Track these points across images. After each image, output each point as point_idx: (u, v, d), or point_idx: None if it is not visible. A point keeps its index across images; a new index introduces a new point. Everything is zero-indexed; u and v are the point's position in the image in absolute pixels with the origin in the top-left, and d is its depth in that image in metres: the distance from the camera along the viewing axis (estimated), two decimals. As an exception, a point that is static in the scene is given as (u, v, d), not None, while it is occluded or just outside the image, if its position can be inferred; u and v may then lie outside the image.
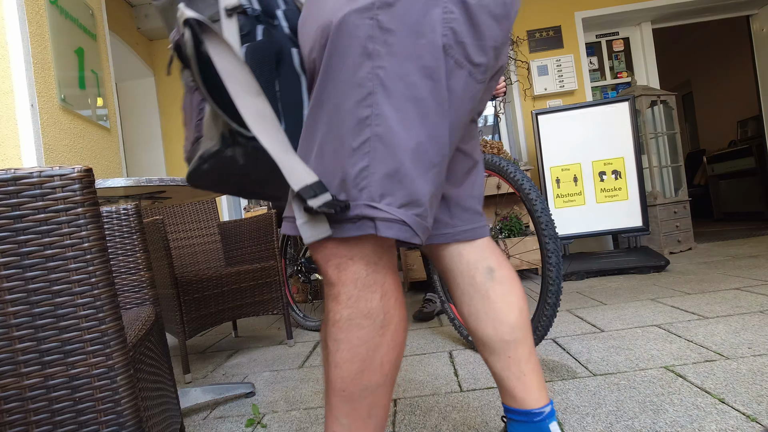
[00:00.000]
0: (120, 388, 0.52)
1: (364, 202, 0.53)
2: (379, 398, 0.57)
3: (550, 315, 1.31)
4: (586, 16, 3.84)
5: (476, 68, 0.58)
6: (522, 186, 1.37)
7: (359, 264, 0.56)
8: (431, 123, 0.55)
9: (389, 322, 0.56)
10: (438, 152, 0.56)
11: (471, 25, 0.56)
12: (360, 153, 0.52)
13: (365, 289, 0.56)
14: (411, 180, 0.54)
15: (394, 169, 0.53)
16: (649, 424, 0.95)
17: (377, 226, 0.53)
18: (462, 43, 0.55)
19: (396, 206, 0.53)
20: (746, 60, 5.19)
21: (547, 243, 1.31)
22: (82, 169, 0.52)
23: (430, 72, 0.54)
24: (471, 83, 0.58)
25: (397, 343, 0.58)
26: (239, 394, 1.43)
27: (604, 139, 3.04)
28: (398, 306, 0.58)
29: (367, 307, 0.56)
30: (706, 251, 3.32)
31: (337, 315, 0.56)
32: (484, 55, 0.58)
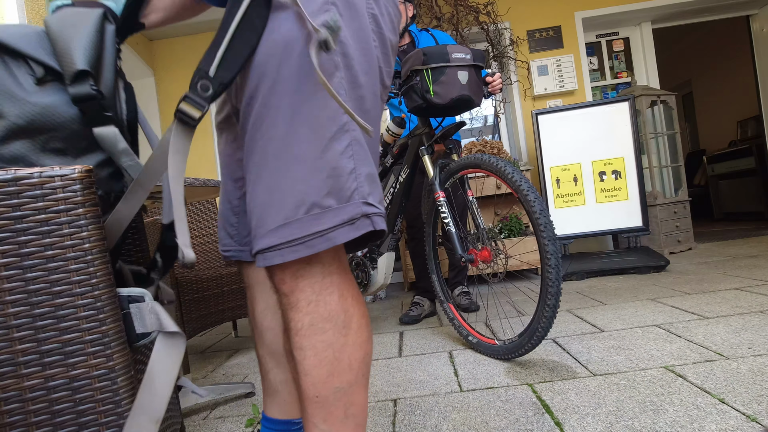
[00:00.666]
0: (121, 389, 0.52)
1: (360, 201, 0.55)
2: (354, 397, 0.58)
3: (550, 317, 1.31)
4: (586, 16, 3.84)
5: (385, 90, 0.66)
6: (520, 187, 1.36)
7: (316, 268, 0.56)
8: (373, 139, 0.61)
9: (350, 320, 0.57)
10: (376, 161, 0.62)
11: (385, 53, 0.63)
12: (346, 157, 0.55)
13: (323, 292, 0.56)
14: (378, 179, 0.60)
15: (371, 169, 0.58)
16: (649, 424, 0.95)
17: (373, 221, 0.55)
18: (380, 68, 0.62)
19: (377, 202, 0.58)
20: (746, 60, 5.18)
21: (546, 245, 1.30)
22: (82, 169, 0.52)
23: (373, 88, 0.60)
24: (380, 104, 0.66)
25: (362, 340, 0.58)
26: (239, 394, 1.43)
27: (604, 139, 3.04)
28: (356, 304, 0.59)
29: (326, 309, 0.56)
30: (706, 251, 3.32)
31: (298, 324, 0.56)
32: (389, 79, 0.66)
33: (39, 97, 0.50)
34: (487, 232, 1.58)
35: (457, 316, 1.72)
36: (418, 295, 2.33)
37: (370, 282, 1.95)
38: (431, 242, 1.86)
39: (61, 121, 0.51)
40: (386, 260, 1.92)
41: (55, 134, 0.51)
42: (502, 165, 1.42)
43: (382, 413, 1.18)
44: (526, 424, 1.02)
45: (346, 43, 0.56)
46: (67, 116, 0.52)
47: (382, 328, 2.14)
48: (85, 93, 0.51)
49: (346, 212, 0.54)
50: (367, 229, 0.55)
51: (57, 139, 0.51)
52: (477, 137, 3.85)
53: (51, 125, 0.50)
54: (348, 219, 0.54)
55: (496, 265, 1.56)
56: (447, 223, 1.59)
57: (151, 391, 0.51)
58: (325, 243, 0.53)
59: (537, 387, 1.23)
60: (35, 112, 0.49)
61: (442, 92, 1.57)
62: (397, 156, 1.98)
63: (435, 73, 1.57)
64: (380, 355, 1.70)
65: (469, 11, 3.57)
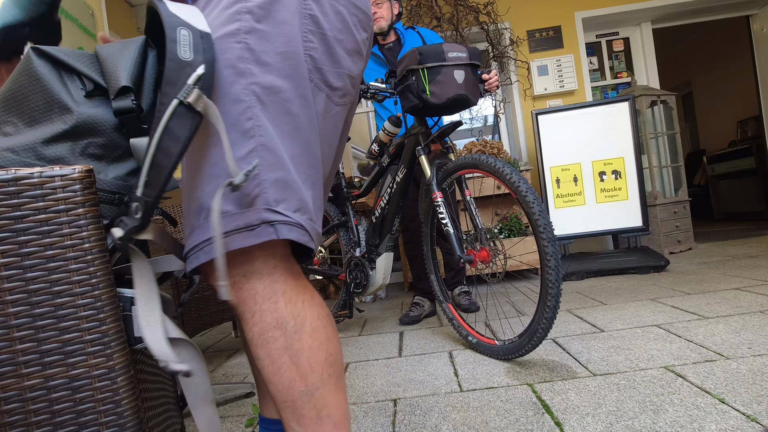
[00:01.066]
0: (121, 389, 0.52)
1: (263, 207, 0.53)
2: (326, 398, 0.57)
3: (550, 318, 1.30)
4: (586, 16, 3.84)
5: (334, 92, 0.64)
6: (519, 188, 1.35)
7: (253, 280, 0.55)
8: (304, 137, 0.58)
9: (302, 324, 0.56)
10: (312, 166, 0.60)
11: (328, 54, 0.62)
12: (246, 162, 0.53)
13: (266, 302, 0.55)
14: (298, 186, 0.56)
15: (283, 175, 0.55)
16: (649, 424, 0.95)
17: (277, 229, 0.53)
18: (320, 69, 0.61)
19: (291, 211, 0.55)
20: (746, 60, 5.19)
21: (545, 246, 1.29)
22: (82, 169, 0.52)
23: (299, 91, 0.58)
24: (330, 105, 0.64)
25: (320, 342, 0.57)
26: (239, 394, 1.43)
27: (604, 139, 3.04)
28: (308, 306, 0.58)
29: (273, 318, 0.55)
30: (706, 251, 3.32)
31: (249, 334, 0.56)
32: (341, 80, 0.64)
33: (86, 107, 0.57)
34: (486, 232, 1.57)
35: (456, 316, 1.72)
36: (418, 295, 2.32)
37: (369, 282, 1.95)
38: (429, 242, 1.85)
39: (102, 129, 0.56)
40: (385, 260, 1.92)
41: (95, 140, 0.56)
42: (500, 166, 1.41)
43: (382, 413, 1.18)
44: (526, 424, 1.02)
45: (258, 50, 0.55)
46: (107, 126, 0.57)
47: (382, 328, 2.14)
48: (125, 106, 0.57)
49: (243, 218, 0.52)
50: (268, 237, 0.53)
51: (96, 145, 0.56)
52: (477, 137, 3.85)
53: (93, 132, 0.56)
54: (245, 225, 0.52)
55: (494, 266, 1.55)
56: (445, 223, 1.58)
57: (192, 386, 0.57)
58: (220, 248, 0.52)
59: (537, 387, 1.23)
60: (80, 120, 0.56)
61: (438, 92, 1.56)
62: (393, 155, 1.97)
63: (431, 72, 1.56)
64: (380, 355, 1.70)
65: (469, 11, 3.57)
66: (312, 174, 0.59)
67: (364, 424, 1.13)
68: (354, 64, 0.67)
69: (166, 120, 0.49)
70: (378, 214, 1.95)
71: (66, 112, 0.58)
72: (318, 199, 0.61)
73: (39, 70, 0.55)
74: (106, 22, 2.42)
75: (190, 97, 0.49)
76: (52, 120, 0.58)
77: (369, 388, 1.37)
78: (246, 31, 0.55)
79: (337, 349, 0.60)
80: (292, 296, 0.57)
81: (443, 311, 1.78)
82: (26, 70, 0.56)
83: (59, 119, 0.58)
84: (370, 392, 1.34)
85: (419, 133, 1.77)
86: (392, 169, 1.93)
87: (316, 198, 0.60)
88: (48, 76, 0.55)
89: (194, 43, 0.51)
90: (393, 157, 1.98)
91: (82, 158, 0.56)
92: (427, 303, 2.28)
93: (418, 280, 2.33)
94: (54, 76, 0.56)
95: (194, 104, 0.49)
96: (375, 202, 1.99)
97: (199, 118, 0.50)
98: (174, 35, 0.50)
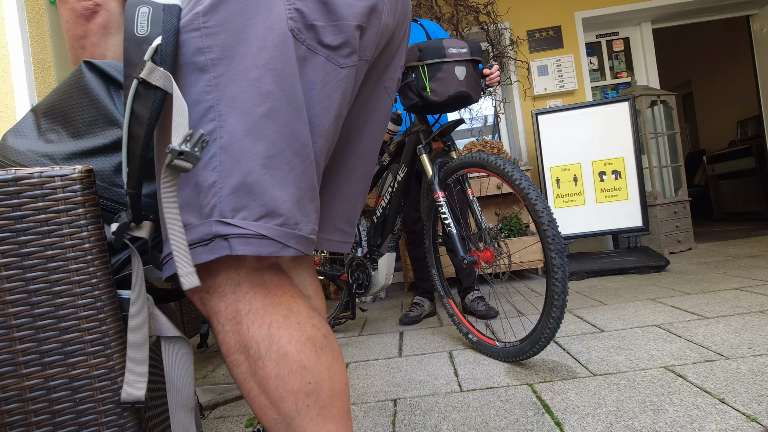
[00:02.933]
0: (121, 389, 0.52)
1: (215, 219, 0.47)
2: (304, 429, 0.51)
3: (554, 327, 1.27)
4: (586, 16, 3.84)
5: (334, 51, 0.53)
6: (528, 195, 1.30)
7: (215, 297, 0.51)
8: (284, 122, 0.50)
9: (266, 351, 0.50)
10: (297, 153, 0.51)
11: (321, 2, 0.51)
12: (209, 169, 0.48)
13: (228, 323, 0.50)
14: (264, 189, 0.48)
15: (243, 180, 0.48)
16: (649, 424, 0.95)
17: (231, 244, 0.47)
18: (312, 26, 0.51)
19: (252, 220, 0.48)
20: (746, 60, 5.19)
21: (553, 258, 1.24)
22: (82, 169, 0.52)
23: (277, 65, 0.49)
24: (333, 70, 0.53)
25: (290, 370, 0.50)
26: (239, 394, 1.43)
27: (604, 139, 3.04)
28: (279, 329, 0.51)
29: (236, 341, 0.50)
30: (706, 251, 3.32)
31: (221, 350, 0.53)
32: (342, 34, 0.52)
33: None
34: (489, 232, 1.55)
35: (456, 313, 1.71)
36: (418, 295, 2.32)
37: (371, 283, 1.94)
38: (431, 236, 1.84)
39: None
40: (387, 261, 1.92)
41: None
42: (509, 169, 1.35)
43: (382, 413, 1.18)
44: (526, 424, 1.02)
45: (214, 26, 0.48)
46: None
47: (382, 329, 2.14)
48: None
49: (197, 231, 0.47)
50: (222, 253, 0.47)
51: None
52: (477, 137, 3.85)
53: None
54: (198, 239, 0.47)
55: (498, 267, 1.53)
56: (447, 224, 1.57)
57: (175, 390, 0.54)
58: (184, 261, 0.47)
59: (537, 387, 1.23)
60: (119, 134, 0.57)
61: (439, 89, 1.53)
62: (394, 154, 1.96)
63: (431, 69, 1.53)
64: (380, 355, 1.70)
65: (469, 11, 3.57)
66: (298, 163, 0.51)
67: (364, 424, 1.13)
68: (363, 2, 0.54)
69: (131, 103, 0.46)
70: (379, 214, 1.94)
71: (110, 127, 0.58)
72: (307, 191, 0.53)
73: (90, 84, 0.56)
74: (106, 21, 2.42)
75: (143, 71, 0.45)
76: (95, 133, 0.59)
77: (369, 388, 1.37)
78: (205, 12, 0.48)
79: (316, 379, 0.51)
80: (258, 317, 0.50)
81: (444, 306, 1.77)
82: (77, 82, 0.56)
83: (101, 133, 0.58)
84: (370, 392, 1.34)
85: (420, 131, 1.76)
86: (393, 168, 1.91)
87: (304, 191, 0.52)
88: (97, 91, 0.56)
89: (153, 17, 0.47)
90: (393, 156, 1.97)
91: (119, 174, 0.57)
92: (427, 303, 2.28)
93: (420, 280, 2.32)
94: (103, 91, 0.56)
95: (149, 78, 0.44)
96: (376, 201, 1.99)
97: (161, 93, 0.45)
98: (132, 14, 0.46)
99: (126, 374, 0.50)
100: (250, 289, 0.51)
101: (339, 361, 0.55)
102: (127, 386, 0.50)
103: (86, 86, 0.56)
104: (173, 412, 0.54)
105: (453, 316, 1.71)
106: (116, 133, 0.59)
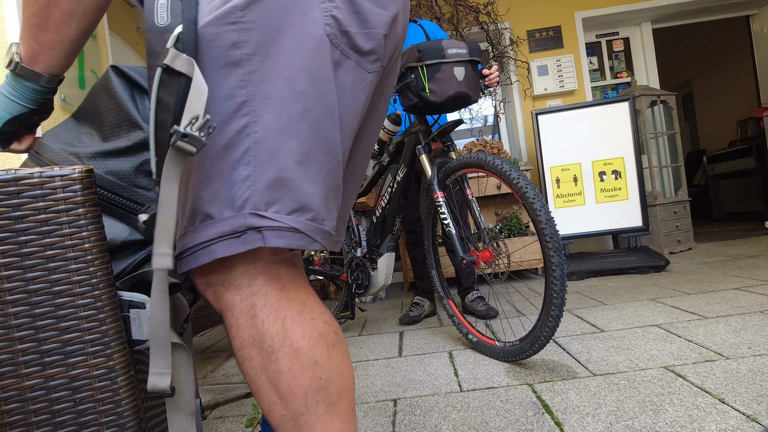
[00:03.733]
0: (121, 389, 0.52)
1: (249, 212, 0.48)
2: (312, 427, 0.51)
3: (553, 326, 1.27)
4: (586, 16, 3.84)
5: (364, 57, 0.55)
6: (526, 194, 1.30)
7: (231, 291, 0.52)
8: (317, 122, 0.51)
9: (280, 345, 0.50)
10: (327, 152, 0.53)
11: (354, 12, 0.53)
12: (242, 164, 0.49)
13: (243, 316, 0.51)
14: (298, 184, 0.50)
15: (277, 174, 0.49)
16: (649, 424, 0.95)
17: (265, 236, 0.48)
18: (346, 32, 0.53)
19: (285, 213, 0.49)
20: (746, 60, 5.19)
21: (551, 256, 1.25)
22: (82, 169, 0.52)
23: (312, 67, 0.51)
24: (361, 74, 0.56)
25: (302, 366, 0.51)
26: (239, 394, 1.43)
27: (604, 139, 3.04)
28: (293, 324, 0.51)
29: (249, 334, 0.51)
30: (706, 251, 3.32)
31: (232, 344, 0.53)
32: (372, 41, 0.55)
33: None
34: (489, 232, 1.55)
35: (456, 313, 1.71)
36: (418, 295, 2.32)
37: (370, 283, 1.94)
38: (430, 237, 1.84)
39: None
40: (386, 261, 1.92)
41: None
42: (507, 168, 1.36)
43: (382, 413, 1.18)
44: (526, 424, 1.02)
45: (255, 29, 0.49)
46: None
47: (382, 329, 2.14)
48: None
49: (228, 224, 0.48)
50: (254, 245, 0.48)
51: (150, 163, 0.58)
52: (477, 137, 3.85)
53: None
54: (230, 231, 0.48)
55: (497, 266, 1.54)
56: (447, 224, 1.57)
57: (175, 394, 0.53)
58: (206, 256, 0.49)
59: (537, 387, 1.23)
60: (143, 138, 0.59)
61: (438, 90, 1.53)
62: (394, 154, 1.96)
63: (430, 69, 1.53)
64: (380, 355, 1.70)
65: (469, 11, 3.58)
66: (327, 161, 0.53)
67: (364, 424, 1.13)
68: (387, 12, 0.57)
69: (156, 91, 0.46)
70: (379, 214, 1.94)
71: (133, 129, 0.60)
72: (333, 188, 0.55)
73: (116, 88, 0.57)
74: (106, 22, 2.42)
75: (167, 58, 0.45)
76: (119, 135, 0.61)
77: (369, 388, 1.37)
78: (243, 6, 0.48)
79: (327, 375, 0.52)
80: (273, 311, 0.51)
81: (443, 307, 1.77)
82: (104, 87, 0.58)
83: (125, 136, 0.60)
84: (370, 392, 1.34)
85: (419, 132, 1.76)
86: (392, 168, 1.91)
87: (330, 188, 0.54)
88: (122, 94, 0.57)
89: (172, 7, 0.47)
90: (393, 156, 1.97)
91: (140, 174, 0.59)
92: (427, 303, 2.28)
93: (420, 280, 2.32)
94: (127, 95, 0.58)
95: (172, 65, 0.45)
96: (375, 201, 1.99)
97: (185, 80, 0.46)
98: (151, 6, 0.47)
99: (150, 366, 0.50)
100: (265, 283, 0.52)
101: (348, 359, 0.56)
102: (153, 378, 0.50)
103: (112, 90, 0.58)
104: (171, 416, 0.54)
105: (453, 316, 1.71)
106: (138, 136, 0.61)
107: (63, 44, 0.55)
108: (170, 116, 0.46)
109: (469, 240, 1.60)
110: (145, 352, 0.65)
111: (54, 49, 0.56)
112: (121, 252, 0.60)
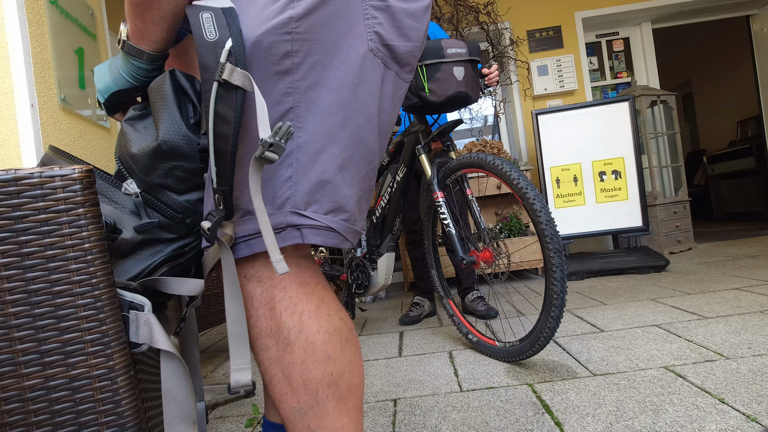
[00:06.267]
0: (121, 389, 0.52)
1: (289, 210, 0.52)
2: (321, 420, 0.52)
3: (553, 327, 1.27)
4: (586, 16, 3.84)
5: (402, 68, 0.60)
6: (526, 194, 1.30)
7: (252, 282, 0.54)
8: (357, 129, 0.55)
9: (296, 337, 0.52)
10: (365, 157, 0.57)
11: (395, 26, 0.57)
12: (285, 165, 0.52)
13: (262, 307, 0.53)
14: (337, 187, 0.54)
15: (319, 177, 0.53)
16: (649, 424, 0.95)
17: (303, 233, 0.52)
18: (388, 45, 0.57)
19: (322, 213, 0.53)
20: (746, 60, 5.19)
21: (551, 257, 1.25)
22: (83, 169, 0.52)
23: (355, 79, 0.54)
24: (399, 84, 0.60)
25: (315, 359, 0.52)
26: (239, 394, 1.43)
27: (604, 139, 3.04)
28: (309, 318, 0.53)
29: (267, 325, 0.53)
30: (706, 251, 3.32)
31: (249, 334, 0.55)
32: (409, 54, 0.60)
33: (190, 130, 0.61)
34: (489, 232, 1.55)
35: (456, 313, 1.71)
36: (418, 295, 2.32)
37: (370, 283, 1.94)
38: (430, 237, 1.84)
39: (194, 156, 0.59)
40: (386, 261, 1.92)
41: (184, 164, 0.59)
42: (507, 168, 1.35)
43: (382, 413, 1.18)
44: (526, 424, 1.02)
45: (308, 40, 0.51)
46: (198, 156, 0.60)
47: (382, 329, 2.14)
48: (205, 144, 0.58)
49: (270, 220, 0.51)
50: (294, 241, 0.52)
51: (183, 169, 0.59)
52: (477, 137, 3.85)
53: (186, 156, 0.59)
54: (277, 227, 0.51)
55: (497, 267, 1.54)
56: (447, 224, 1.57)
57: (174, 402, 0.54)
58: (246, 249, 0.52)
59: (537, 387, 1.23)
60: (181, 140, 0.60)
61: (437, 90, 1.53)
62: (393, 154, 1.96)
63: (430, 69, 1.53)
64: (380, 355, 1.70)
65: (469, 11, 3.57)
66: (363, 166, 0.57)
67: (364, 424, 1.13)
68: (420, 25, 0.61)
69: (213, 105, 0.49)
70: (378, 214, 1.94)
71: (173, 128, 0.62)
72: (366, 191, 0.59)
73: (167, 91, 0.60)
74: (106, 22, 2.42)
75: (224, 73, 0.48)
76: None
77: (369, 388, 1.37)
78: (298, 18, 0.51)
79: (340, 370, 0.54)
80: (291, 304, 0.53)
81: (444, 307, 1.77)
82: (159, 88, 0.60)
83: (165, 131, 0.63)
84: (370, 392, 1.34)
85: (419, 131, 1.76)
86: (392, 168, 1.91)
87: (364, 191, 0.58)
88: (170, 98, 0.60)
89: (217, 21, 0.50)
90: (392, 156, 1.97)
91: (170, 177, 0.60)
92: (427, 303, 2.28)
93: (420, 280, 2.32)
94: (173, 100, 0.60)
95: (230, 79, 0.48)
96: (375, 201, 1.99)
97: (242, 93, 0.48)
98: (197, 21, 0.49)
99: (231, 363, 0.52)
100: (286, 277, 0.54)
101: (359, 357, 0.58)
102: (234, 374, 0.52)
103: (164, 93, 0.60)
104: (169, 423, 0.54)
105: (453, 316, 1.71)
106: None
107: (165, 19, 0.57)
108: (230, 129, 0.49)
109: (469, 240, 1.60)
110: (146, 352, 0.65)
111: (157, 25, 0.57)
112: (143, 250, 0.60)
